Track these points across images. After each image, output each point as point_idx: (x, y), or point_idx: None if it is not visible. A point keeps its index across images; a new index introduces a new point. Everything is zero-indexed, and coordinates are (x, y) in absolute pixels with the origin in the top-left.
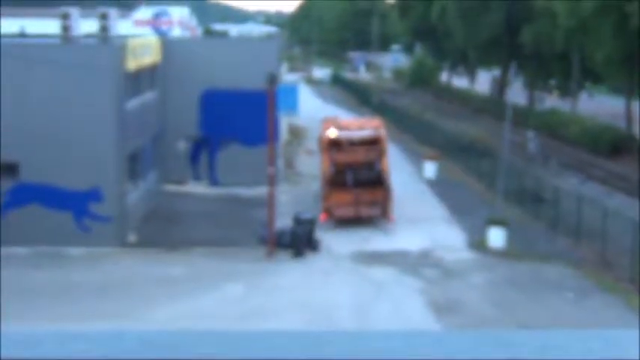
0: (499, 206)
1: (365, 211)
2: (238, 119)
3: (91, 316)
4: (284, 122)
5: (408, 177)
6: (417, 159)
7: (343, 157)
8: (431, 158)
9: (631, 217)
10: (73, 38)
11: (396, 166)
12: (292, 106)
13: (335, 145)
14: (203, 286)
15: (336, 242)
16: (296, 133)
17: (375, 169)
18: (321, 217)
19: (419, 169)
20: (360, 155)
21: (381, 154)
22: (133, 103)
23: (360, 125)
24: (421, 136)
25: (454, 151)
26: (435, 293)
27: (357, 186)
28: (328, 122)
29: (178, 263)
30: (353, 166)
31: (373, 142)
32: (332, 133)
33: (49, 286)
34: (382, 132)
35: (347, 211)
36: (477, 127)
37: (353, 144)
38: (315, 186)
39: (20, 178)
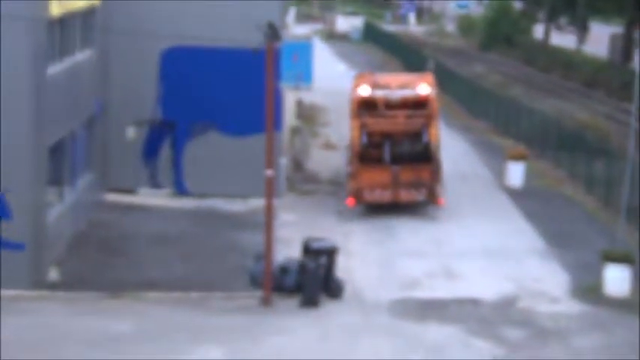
0: (621, 233)
1: (406, 195)
2: (219, 94)
3: None
4: (290, 99)
5: (481, 184)
6: (495, 157)
7: (378, 124)
8: (516, 157)
9: None
10: None
11: (464, 168)
12: (303, 75)
13: (368, 107)
14: (162, 350)
15: (367, 281)
16: (308, 115)
17: (420, 140)
18: (348, 201)
19: (498, 173)
20: (400, 121)
21: (429, 120)
22: (57, 68)
23: (403, 83)
24: (502, 123)
25: (552, 146)
26: None
27: (395, 162)
28: (361, 78)
29: (124, 315)
30: (391, 136)
31: (419, 105)
32: (364, 90)
33: None
34: (432, 92)
35: (382, 195)
36: (588, 109)
37: (392, 106)
38: (339, 199)
39: None
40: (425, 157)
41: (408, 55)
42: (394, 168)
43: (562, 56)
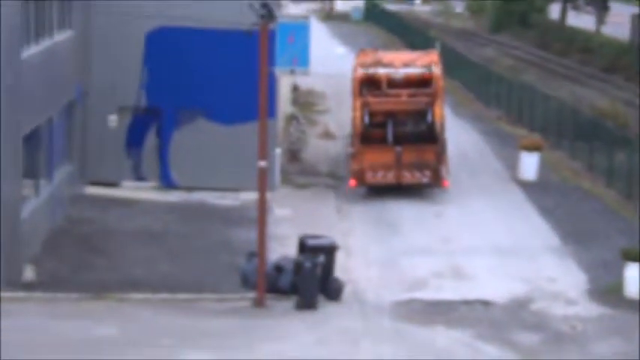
0: None
1: (409, 177)
2: (208, 79)
3: None
4: (285, 84)
5: (492, 177)
6: (507, 148)
7: (381, 103)
8: (530, 147)
9: None
10: None
11: (474, 159)
12: (299, 58)
13: (371, 85)
14: (147, 356)
15: (368, 281)
16: (305, 102)
17: (424, 119)
18: (350, 183)
19: (510, 165)
20: (404, 100)
21: (433, 99)
22: (32, 51)
23: (408, 61)
24: (514, 111)
25: (568, 135)
26: None
27: (399, 142)
28: (364, 55)
29: (106, 319)
30: (394, 115)
31: (423, 83)
32: (367, 69)
33: None
34: (437, 69)
35: (384, 177)
36: (608, 95)
37: (395, 85)
38: (338, 193)
39: None
40: (429, 137)
41: (412, 37)
42: (397, 149)
43: (579, 38)
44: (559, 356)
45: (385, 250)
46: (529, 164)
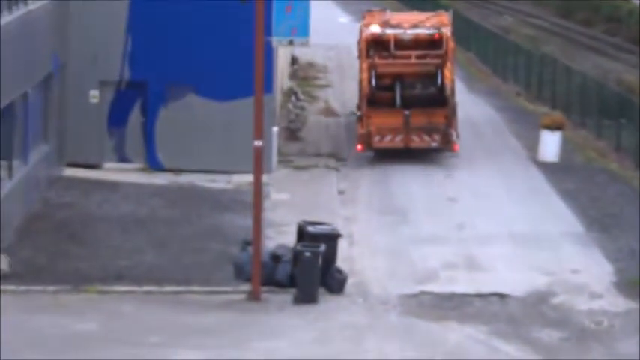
0: None
1: (417, 141)
2: (199, 50)
3: None
4: (283, 56)
5: (509, 158)
6: (526, 126)
7: (389, 65)
8: (551, 126)
9: None
10: None
11: (490, 139)
12: (298, 29)
13: (378, 47)
14: (131, 355)
15: (374, 272)
16: (305, 76)
17: (434, 81)
18: (357, 148)
19: (529, 145)
20: (413, 62)
21: (443, 61)
22: (5, 20)
23: (416, 22)
24: (534, 86)
25: (593, 113)
26: None
27: (407, 105)
28: (371, 16)
29: (87, 313)
30: (403, 78)
31: (432, 45)
32: (374, 29)
33: None
34: (447, 30)
35: (392, 141)
36: (636, 68)
37: (404, 47)
38: (340, 175)
39: None
40: (439, 100)
41: (422, 4)
42: (406, 112)
43: (606, 6)
44: (582, 355)
45: (392, 238)
46: (550, 144)
